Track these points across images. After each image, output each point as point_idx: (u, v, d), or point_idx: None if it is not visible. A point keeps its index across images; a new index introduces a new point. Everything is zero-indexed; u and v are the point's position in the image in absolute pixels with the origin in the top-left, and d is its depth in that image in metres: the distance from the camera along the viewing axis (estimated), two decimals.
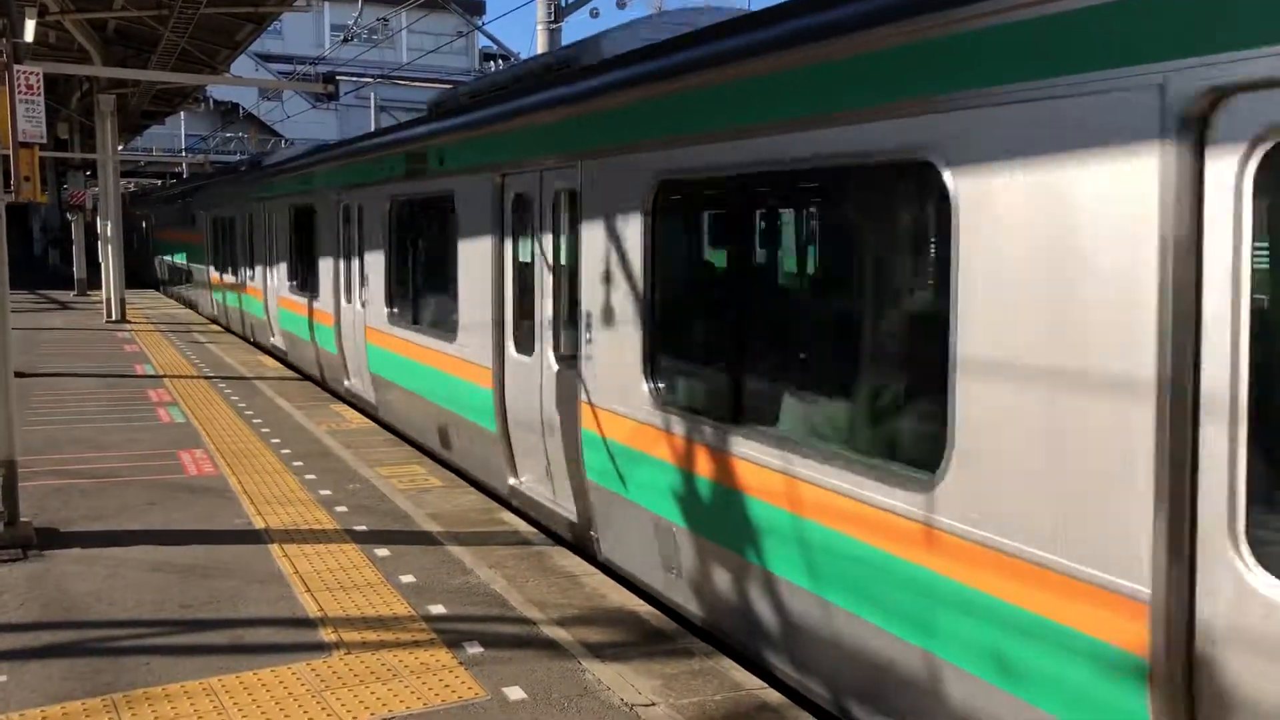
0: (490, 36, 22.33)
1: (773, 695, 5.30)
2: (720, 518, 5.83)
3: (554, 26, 17.84)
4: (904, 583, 4.46)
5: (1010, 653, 3.98)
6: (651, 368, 6.49)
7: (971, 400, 4.11)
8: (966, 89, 4.10)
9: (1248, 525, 3.26)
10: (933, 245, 4.90)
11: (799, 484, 5.12)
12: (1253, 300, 3.28)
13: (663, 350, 6.49)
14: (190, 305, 29.69)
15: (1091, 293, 3.64)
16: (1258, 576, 3.22)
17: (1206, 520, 3.33)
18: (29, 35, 12.14)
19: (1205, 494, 3.33)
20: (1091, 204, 3.64)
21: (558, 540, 7.87)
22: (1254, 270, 3.28)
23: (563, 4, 17.93)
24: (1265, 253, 3.43)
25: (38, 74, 8.54)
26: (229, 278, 22.64)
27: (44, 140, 8.61)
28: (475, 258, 9.10)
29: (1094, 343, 3.64)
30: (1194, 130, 3.29)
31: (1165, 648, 3.40)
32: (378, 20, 31.86)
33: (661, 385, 6.45)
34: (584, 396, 7.23)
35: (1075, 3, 3.66)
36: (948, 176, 4.18)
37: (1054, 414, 3.79)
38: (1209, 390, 3.32)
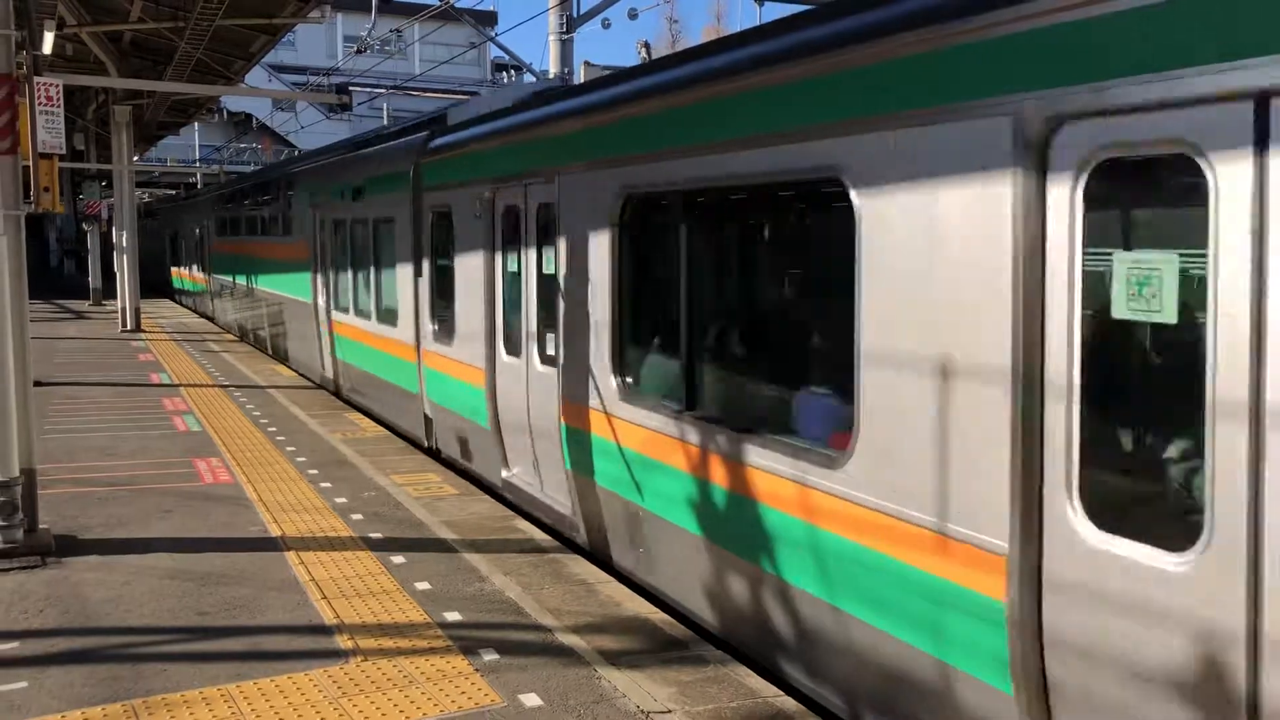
0: (502, 47, 22.41)
1: (788, 703, 5.31)
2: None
3: (566, 37, 17.93)
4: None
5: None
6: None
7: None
8: None
9: None
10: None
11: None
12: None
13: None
14: (274, 354, 19.96)
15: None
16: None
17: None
18: (47, 48, 12.26)
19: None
20: None
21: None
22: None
23: (574, 15, 18.02)
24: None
25: (57, 86, 8.64)
26: (373, 328, 13.01)
27: (63, 151, 8.70)
28: None
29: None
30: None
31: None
32: (391, 31, 31.98)
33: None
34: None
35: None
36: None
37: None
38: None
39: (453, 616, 6.41)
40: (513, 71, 57.53)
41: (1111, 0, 3.63)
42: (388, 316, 12.44)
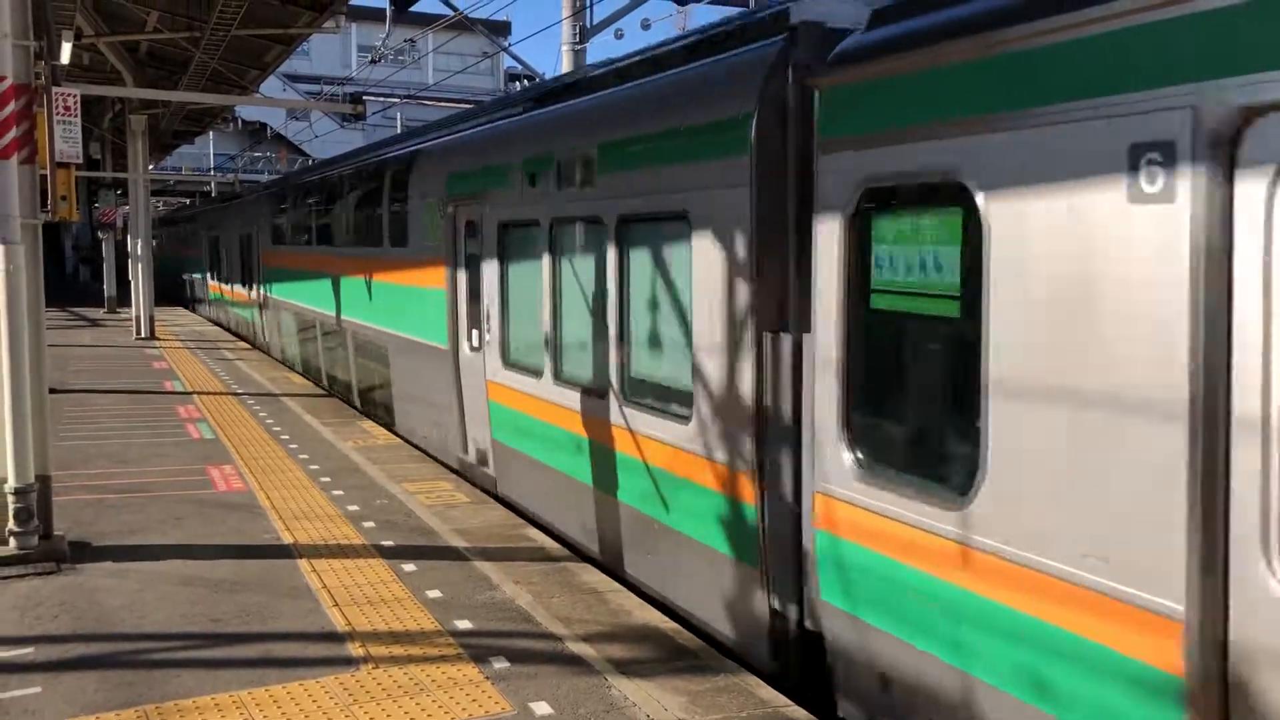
0: (516, 57, 22.54)
1: (799, 712, 5.31)
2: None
3: (579, 47, 18.00)
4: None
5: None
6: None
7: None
8: None
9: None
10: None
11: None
12: None
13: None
14: (365, 409, 14.46)
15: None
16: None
17: None
18: (65, 58, 12.37)
19: None
20: None
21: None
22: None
23: (588, 25, 18.10)
24: None
25: (75, 96, 8.73)
26: (606, 412, 7.47)
27: (80, 160, 8.78)
28: None
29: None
30: None
31: None
32: (405, 41, 32.15)
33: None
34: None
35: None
36: None
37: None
38: None
39: (463, 624, 6.43)
40: (526, 82, 57.80)
41: None
42: (658, 399, 6.90)
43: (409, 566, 7.56)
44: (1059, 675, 4.02)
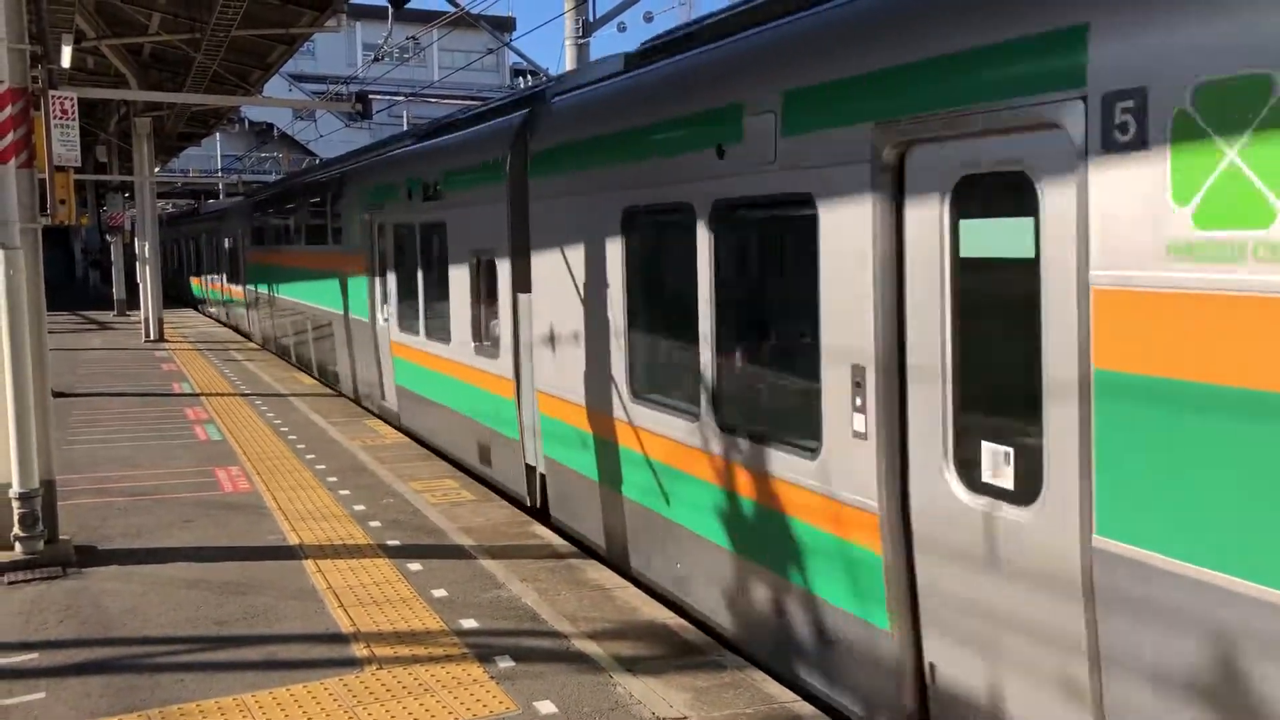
0: (519, 53, 22.41)
1: (805, 708, 5.26)
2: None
3: (582, 42, 17.92)
4: None
5: None
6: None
7: None
8: None
9: None
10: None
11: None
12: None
13: None
14: None
15: None
16: None
17: None
18: (66, 61, 12.36)
19: None
20: None
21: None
22: None
23: (590, 19, 18.02)
24: None
25: (72, 99, 8.70)
26: None
27: (78, 164, 8.76)
28: None
29: None
30: None
31: None
32: (408, 39, 32.11)
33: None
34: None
35: None
36: None
37: None
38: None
39: (469, 624, 6.39)
40: (531, 77, 57.68)
41: None
42: None
43: (415, 566, 7.52)
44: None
